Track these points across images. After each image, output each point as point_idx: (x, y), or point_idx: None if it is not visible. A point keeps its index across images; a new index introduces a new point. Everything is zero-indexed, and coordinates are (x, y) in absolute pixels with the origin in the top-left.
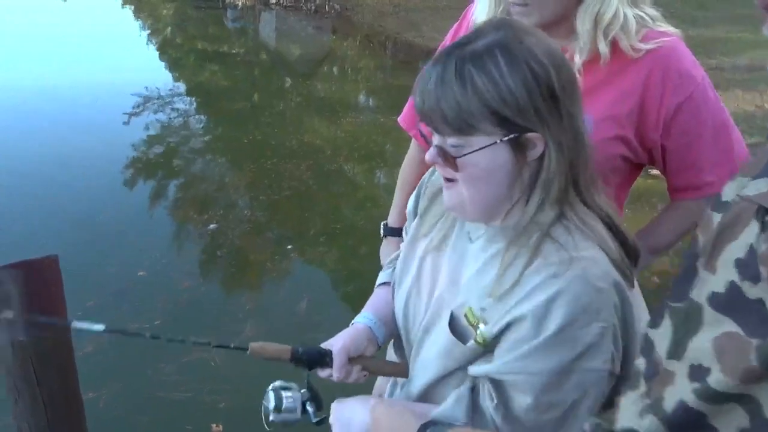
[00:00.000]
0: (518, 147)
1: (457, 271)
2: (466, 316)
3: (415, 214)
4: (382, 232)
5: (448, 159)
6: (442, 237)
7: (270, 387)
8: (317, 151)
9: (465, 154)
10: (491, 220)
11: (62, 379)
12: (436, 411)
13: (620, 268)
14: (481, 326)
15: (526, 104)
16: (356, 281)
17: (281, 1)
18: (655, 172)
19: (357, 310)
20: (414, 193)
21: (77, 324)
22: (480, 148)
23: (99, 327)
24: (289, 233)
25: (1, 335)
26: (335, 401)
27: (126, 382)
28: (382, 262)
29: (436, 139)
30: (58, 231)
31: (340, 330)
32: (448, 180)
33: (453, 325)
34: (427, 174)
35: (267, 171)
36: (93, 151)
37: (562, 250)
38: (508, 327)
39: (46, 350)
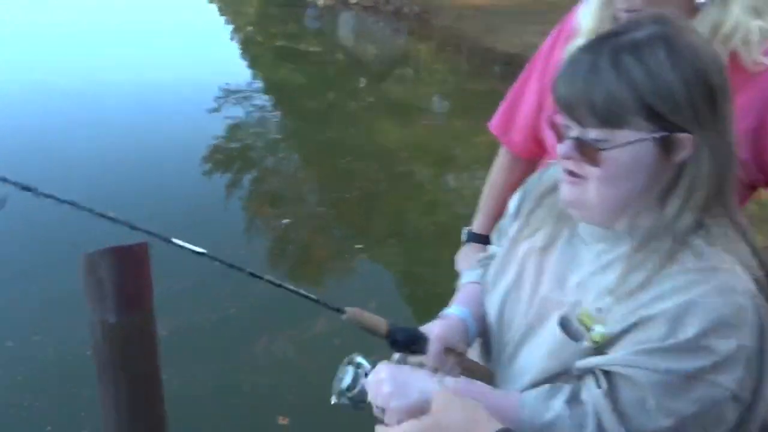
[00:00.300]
0: (666, 147)
1: (566, 273)
2: (579, 318)
3: (517, 216)
4: (464, 237)
5: (588, 153)
6: (548, 239)
7: (347, 361)
8: (389, 153)
9: (608, 149)
10: (614, 222)
11: (145, 362)
12: (525, 395)
13: (763, 290)
14: (598, 327)
15: (683, 102)
16: (423, 285)
17: (361, 2)
18: None
19: (423, 314)
20: (517, 194)
21: (177, 241)
22: (626, 144)
23: (200, 249)
24: (359, 233)
25: (93, 315)
26: (384, 363)
27: (196, 368)
28: (457, 267)
29: (574, 131)
30: (139, 218)
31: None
32: (574, 175)
33: (564, 327)
34: (534, 176)
35: (339, 169)
36: (175, 143)
37: (702, 260)
38: (632, 327)
39: (132, 332)
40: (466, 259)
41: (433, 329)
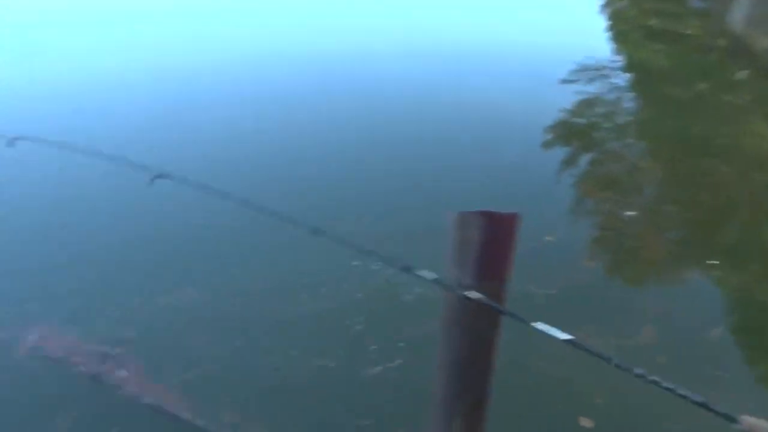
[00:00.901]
0: None
1: None
2: None
3: None
4: None
5: None
6: None
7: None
8: (761, 161)
9: None
10: None
11: (488, 330)
12: None
13: None
14: None
15: None
16: None
17: None
18: None
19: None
20: None
21: (540, 326)
22: None
23: (567, 336)
24: (703, 243)
25: (452, 272)
26: None
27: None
28: None
29: None
30: (473, 181)
31: None
32: None
33: None
34: None
35: (697, 169)
36: (519, 111)
37: None
38: None
39: (481, 304)
40: None
41: None
